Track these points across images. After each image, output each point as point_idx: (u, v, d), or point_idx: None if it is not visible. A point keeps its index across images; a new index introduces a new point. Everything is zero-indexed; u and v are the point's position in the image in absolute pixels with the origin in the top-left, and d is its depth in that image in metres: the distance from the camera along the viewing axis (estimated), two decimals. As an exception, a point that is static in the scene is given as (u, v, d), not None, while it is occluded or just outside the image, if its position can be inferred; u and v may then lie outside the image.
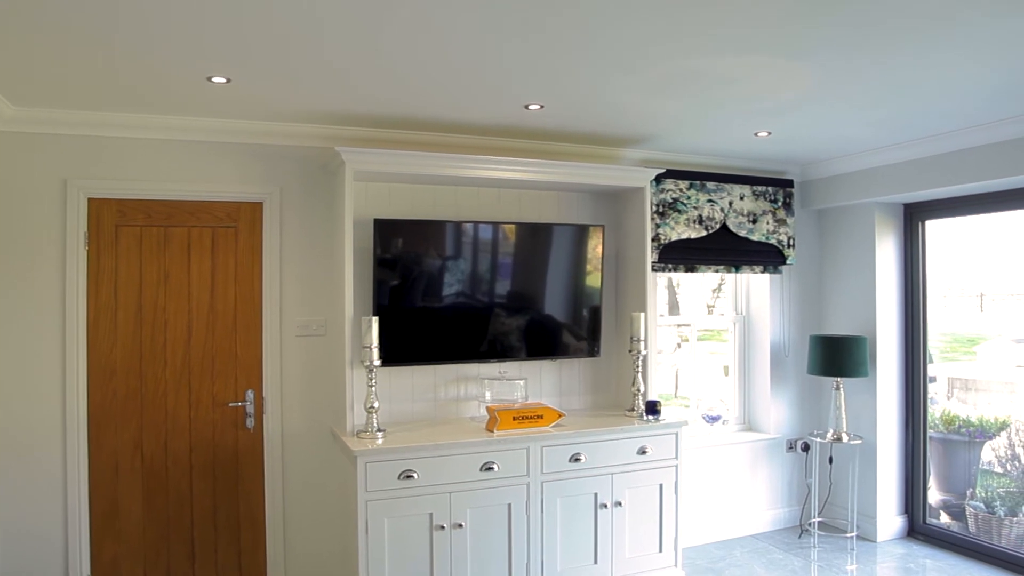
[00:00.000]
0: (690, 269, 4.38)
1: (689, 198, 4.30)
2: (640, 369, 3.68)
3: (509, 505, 3.15)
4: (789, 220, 4.60)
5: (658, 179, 4.14)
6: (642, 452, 3.44)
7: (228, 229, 3.42)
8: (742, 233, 4.45)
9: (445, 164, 3.37)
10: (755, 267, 4.57)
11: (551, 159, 3.62)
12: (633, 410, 3.66)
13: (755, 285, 4.77)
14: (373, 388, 3.15)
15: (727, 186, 4.43)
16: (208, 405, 3.35)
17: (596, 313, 3.88)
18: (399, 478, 2.96)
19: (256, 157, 3.43)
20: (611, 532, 3.37)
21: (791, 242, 4.59)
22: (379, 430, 3.14)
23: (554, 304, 3.79)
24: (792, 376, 4.68)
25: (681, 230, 4.26)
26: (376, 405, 3.14)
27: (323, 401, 3.50)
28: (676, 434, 3.55)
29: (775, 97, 3.04)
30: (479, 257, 3.64)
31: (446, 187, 3.71)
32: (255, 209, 3.46)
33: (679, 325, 4.73)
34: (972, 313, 4.59)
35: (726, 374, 4.86)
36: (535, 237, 3.75)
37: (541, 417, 3.30)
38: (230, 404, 3.38)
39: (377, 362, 3.14)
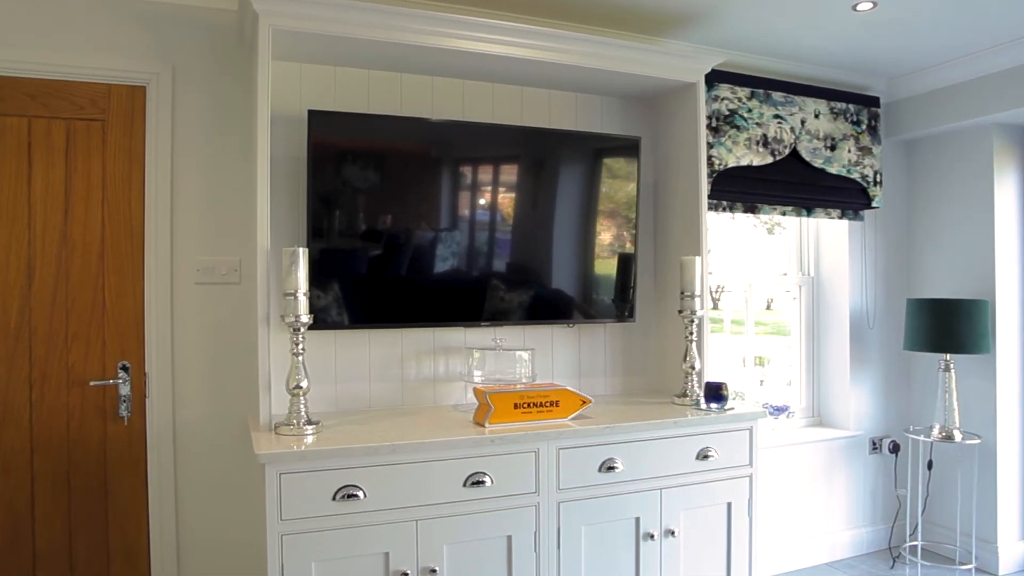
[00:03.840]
0: (750, 209, 3.28)
1: (751, 111, 3.19)
2: (695, 337, 2.58)
3: (509, 538, 2.06)
4: (875, 149, 3.50)
5: (710, 83, 3.03)
6: (703, 457, 2.35)
7: (93, 123, 2.30)
8: (817, 163, 3.35)
9: (414, 27, 2.25)
10: (831, 210, 3.48)
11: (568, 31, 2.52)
12: (685, 396, 2.56)
13: (829, 235, 3.66)
14: (300, 359, 2.04)
15: (799, 99, 3.33)
16: (59, 384, 2.24)
17: (628, 263, 2.77)
18: (336, 498, 1.86)
19: (139, 20, 2.31)
20: (660, 574, 2.28)
21: (877, 178, 3.50)
22: (309, 422, 2.04)
23: (570, 249, 2.68)
24: (877, 354, 3.59)
25: (740, 153, 3.15)
26: (304, 385, 2.04)
27: (237, 379, 2.39)
28: (750, 430, 2.45)
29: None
30: (463, 176, 2.53)
31: (417, 76, 2.59)
32: (135, 96, 2.35)
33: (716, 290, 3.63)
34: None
35: (755, 363, 3.77)
36: (545, 151, 2.64)
37: (556, 405, 2.20)
38: (94, 383, 2.27)
39: (306, 318, 2.03)
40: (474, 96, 2.68)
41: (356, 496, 1.87)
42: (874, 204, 3.49)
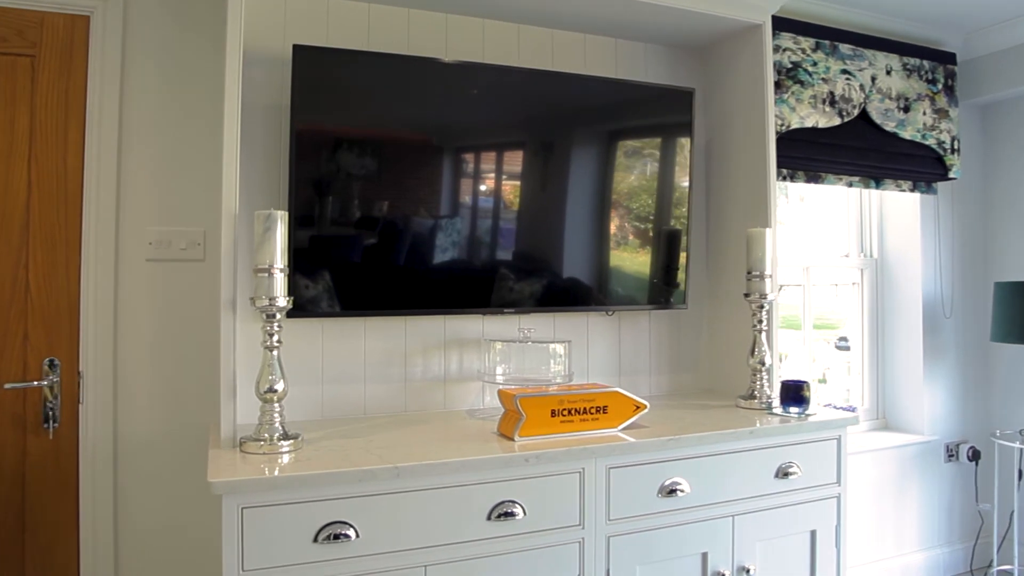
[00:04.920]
0: (813, 177, 2.80)
1: (815, 65, 2.71)
2: (764, 326, 2.11)
3: (546, 584, 1.59)
4: (952, 112, 3.02)
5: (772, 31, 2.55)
6: (784, 474, 1.87)
7: (19, 60, 1.83)
8: (889, 126, 2.87)
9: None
10: (901, 181, 3.00)
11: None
12: (753, 397, 2.09)
13: (896, 211, 3.18)
14: (275, 354, 1.57)
15: (868, 53, 2.85)
16: (-28, 386, 1.77)
17: (675, 240, 2.30)
18: (320, 539, 1.38)
19: (70, -74, 1.84)
20: (731, 624, 1.81)
21: (955, 145, 3.01)
22: (285, 436, 1.56)
23: (604, 223, 2.21)
24: (954, 347, 3.11)
25: (804, 112, 2.67)
26: (279, 388, 1.56)
27: (199, 381, 1.92)
28: (838, 440, 1.98)
29: None
30: (481, 130, 2.06)
31: (427, 13, 2.11)
32: (75, 27, 1.88)
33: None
34: None
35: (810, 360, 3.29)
36: (580, 103, 2.16)
37: (604, 412, 1.73)
38: (10, 385, 1.79)
39: (283, 301, 1.56)
40: (495, 37, 2.20)
41: (346, 536, 1.40)
42: (951, 174, 3.00)
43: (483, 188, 2.05)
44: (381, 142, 1.93)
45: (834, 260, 3.20)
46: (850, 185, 2.88)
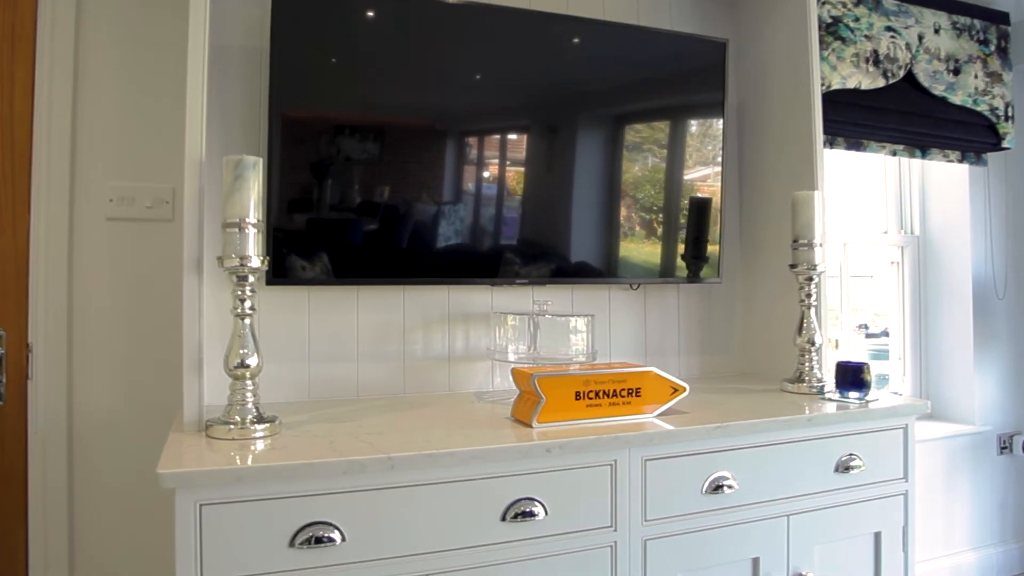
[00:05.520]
0: (855, 144, 2.54)
1: (858, 20, 2.45)
2: (814, 300, 1.85)
3: (571, 597, 1.32)
4: (1005, 76, 2.76)
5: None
6: (845, 468, 1.61)
7: (-47, -16, 1.59)
8: (937, 89, 2.60)
9: None
10: (949, 151, 2.73)
11: None
12: (801, 381, 1.83)
13: (940, 184, 2.91)
14: (247, 323, 1.31)
15: (915, 9, 2.58)
16: (-100, 363, 1.52)
17: (704, 208, 2.04)
18: (297, 544, 1.13)
19: None
20: (785, 642, 1.55)
21: (1009, 112, 2.74)
22: (260, 419, 1.30)
23: (625, 188, 1.95)
24: (1006, 332, 2.84)
25: (847, 72, 2.40)
26: (252, 362, 1.30)
27: (167, 355, 1.66)
28: (905, 429, 1.71)
29: None
30: (492, 69, 1.80)
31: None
32: (17, -54, 1.63)
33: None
34: None
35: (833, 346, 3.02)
36: (600, 53, 1.90)
37: (636, 395, 1.47)
38: (-50, 361, 1.55)
39: (256, 261, 1.30)
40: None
41: (329, 540, 1.14)
42: (1005, 144, 2.73)
43: (487, 169, 1.79)
44: (382, 124, 1.67)
45: (873, 237, 2.93)
46: (894, 154, 2.62)
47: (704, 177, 2.05)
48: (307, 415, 1.51)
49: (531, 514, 1.27)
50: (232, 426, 1.27)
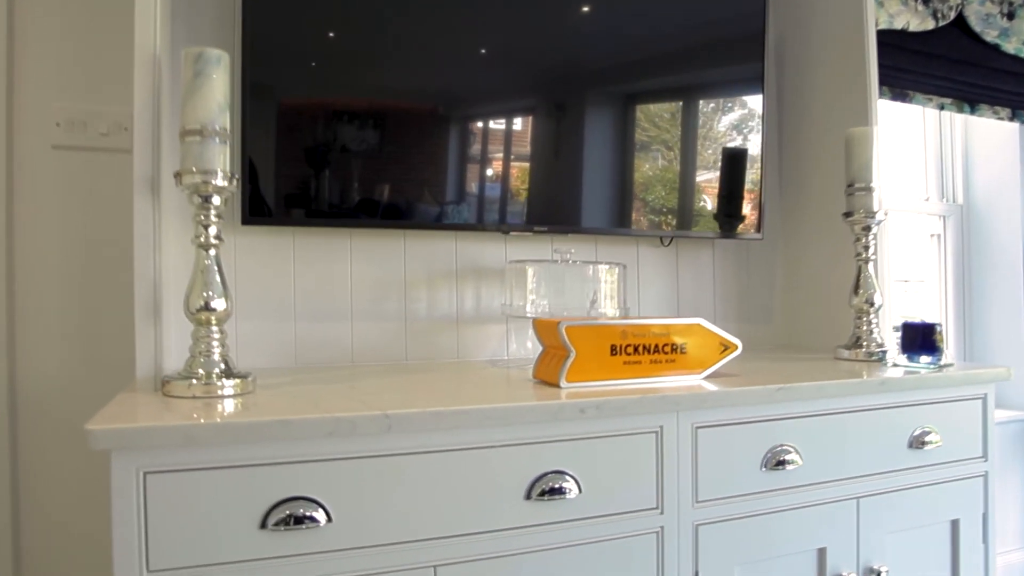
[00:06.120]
0: (900, 95, 2.30)
1: (907, -47, 2.21)
2: (872, 254, 1.61)
3: (607, 593, 1.09)
4: (1061, 23, 2.51)
5: None
6: (919, 444, 1.37)
7: None
8: (990, 35, 2.36)
9: None
10: (999, 107, 2.50)
11: None
12: (858, 346, 1.59)
13: (988, 145, 2.68)
14: (212, 255, 1.07)
15: (967, -56, 2.35)
16: None
17: (739, 161, 1.81)
18: (269, 525, 0.88)
19: None
20: (853, 647, 1.31)
21: (1065, 63, 2.51)
22: (228, 374, 1.06)
23: (653, 140, 1.72)
24: (1062, 306, 2.60)
25: (894, 10, 2.16)
26: (219, 305, 1.06)
27: (128, 309, 1.42)
28: (984, 400, 1.48)
29: None
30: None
31: None
32: None
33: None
34: None
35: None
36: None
37: (681, 352, 1.23)
38: None
39: (222, 178, 1.05)
40: None
41: (311, 520, 0.90)
42: (1060, 98, 2.50)
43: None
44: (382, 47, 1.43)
45: (912, 206, 2.69)
46: (941, 108, 2.38)
47: (742, 119, 1.81)
48: (291, 377, 1.27)
49: (561, 492, 1.03)
50: (194, 381, 1.03)
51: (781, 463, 1.21)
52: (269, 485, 0.89)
